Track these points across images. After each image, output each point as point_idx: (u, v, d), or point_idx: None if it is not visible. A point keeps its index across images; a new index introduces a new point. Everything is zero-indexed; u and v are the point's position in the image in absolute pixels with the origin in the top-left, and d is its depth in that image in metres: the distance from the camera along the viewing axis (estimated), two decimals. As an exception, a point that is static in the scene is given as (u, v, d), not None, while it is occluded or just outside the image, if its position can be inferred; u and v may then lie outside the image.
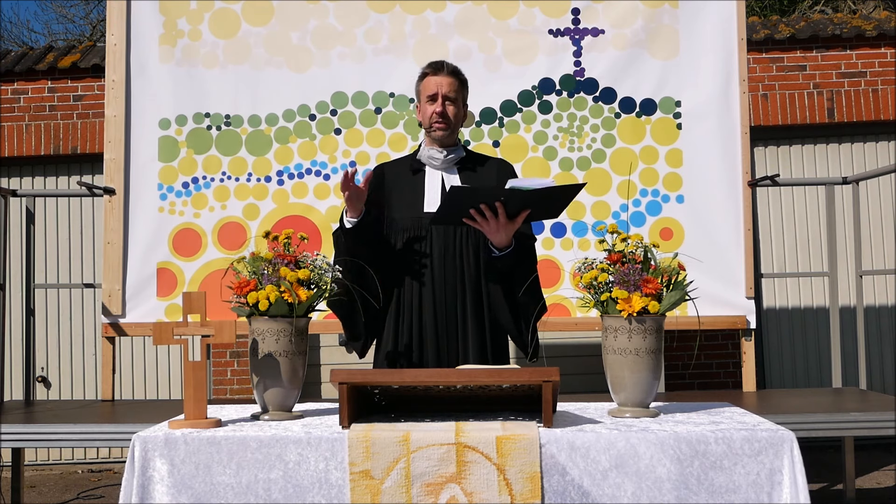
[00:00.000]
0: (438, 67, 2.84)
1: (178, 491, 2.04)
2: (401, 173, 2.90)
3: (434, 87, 2.81)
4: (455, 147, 2.88)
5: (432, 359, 2.74)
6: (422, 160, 2.88)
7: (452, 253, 2.77)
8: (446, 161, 2.84)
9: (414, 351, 2.76)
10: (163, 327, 2.24)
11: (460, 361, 2.74)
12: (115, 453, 6.35)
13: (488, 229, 2.62)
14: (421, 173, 2.87)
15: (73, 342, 6.53)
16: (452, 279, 2.76)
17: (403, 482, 1.98)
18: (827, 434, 3.42)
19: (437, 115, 2.79)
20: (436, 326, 2.75)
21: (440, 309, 2.75)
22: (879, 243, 6.43)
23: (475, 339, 2.75)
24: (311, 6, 4.30)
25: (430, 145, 2.87)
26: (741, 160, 4.23)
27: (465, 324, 2.76)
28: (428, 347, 2.75)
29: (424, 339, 2.76)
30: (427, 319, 2.76)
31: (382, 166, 2.98)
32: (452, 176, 2.85)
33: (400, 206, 2.83)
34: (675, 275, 2.32)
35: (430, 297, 2.76)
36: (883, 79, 6.33)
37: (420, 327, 2.77)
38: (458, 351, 2.75)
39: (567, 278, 4.14)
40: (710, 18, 4.26)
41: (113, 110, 4.26)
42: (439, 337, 2.75)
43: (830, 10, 10.93)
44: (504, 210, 2.56)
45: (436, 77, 2.82)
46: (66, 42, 13.28)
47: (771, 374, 6.44)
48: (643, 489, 1.99)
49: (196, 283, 4.20)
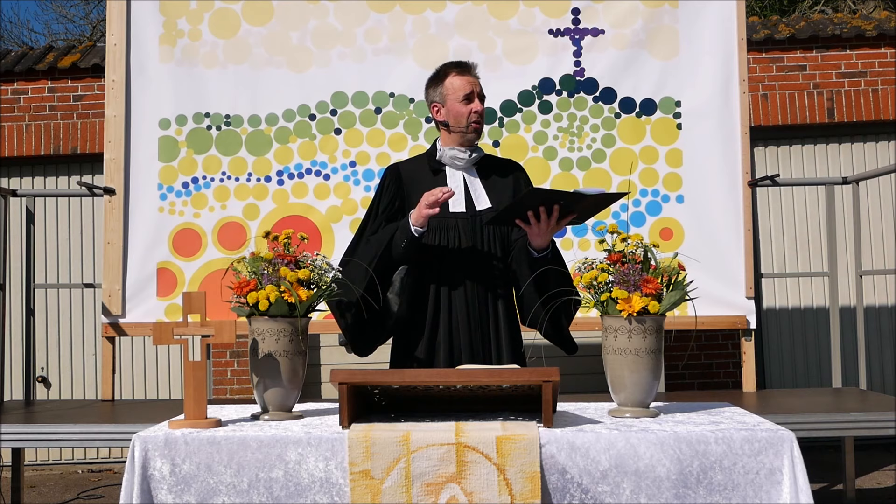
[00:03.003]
0: (466, 67, 2.82)
1: (179, 491, 2.04)
2: (420, 174, 2.85)
3: (469, 87, 2.78)
4: (476, 147, 2.86)
5: (466, 358, 2.73)
6: (442, 160, 2.84)
7: (480, 251, 2.77)
8: (469, 161, 2.83)
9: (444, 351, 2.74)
10: (163, 327, 2.24)
11: (493, 361, 2.73)
12: (115, 453, 6.35)
13: (535, 231, 2.60)
14: (441, 174, 2.84)
15: (73, 342, 6.53)
16: (483, 278, 2.76)
17: (403, 482, 1.98)
18: (827, 434, 3.42)
19: (477, 114, 2.78)
20: (469, 326, 2.74)
21: (473, 309, 2.74)
22: (879, 243, 6.43)
23: (507, 337, 2.75)
24: (311, 6, 4.30)
25: (449, 145, 2.83)
26: (741, 160, 4.23)
27: (496, 322, 2.76)
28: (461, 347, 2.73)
29: (456, 338, 2.74)
30: (460, 319, 2.74)
31: (398, 166, 2.93)
32: (473, 177, 2.84)
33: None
34: (675, 275, 2.32)
35: (462, 296, 2.74)
36: (883, 79, 6.33)
37: (451, 327, 2.74)
38: (492, 349, 2.75)
39: (567, 278, 4.13)
40: (710, 18, 4.26)
41: (113, 110, 4.25)
42: (472, 336, 2.73)
43: (830, 10, 10.93)
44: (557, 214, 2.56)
45: (467, 76, 2.80)
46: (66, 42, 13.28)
47: (771, 374, 6.44)
48: (643, 489, 1.99)
49: (196, 283, 4.20)
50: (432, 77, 2.87)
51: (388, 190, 2.85)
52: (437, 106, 2.83)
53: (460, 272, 2.76)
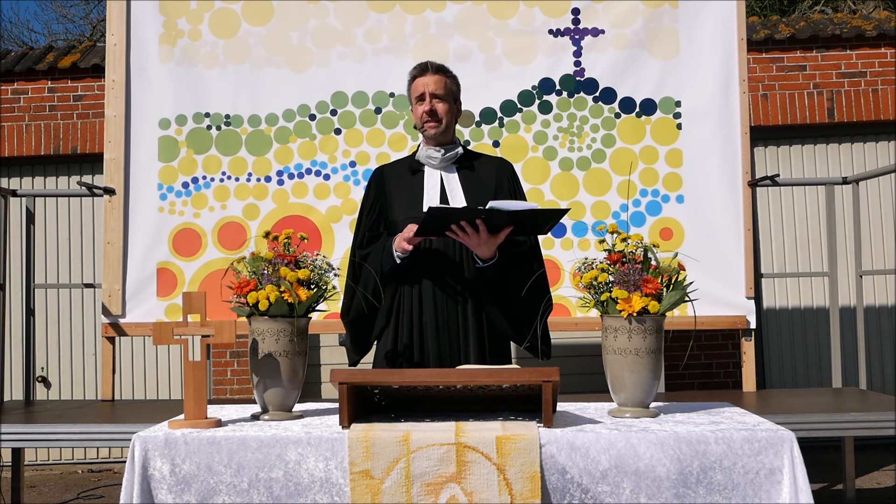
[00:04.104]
0: (423, 68, 2.87)
1: (179, 491, 2.04)
2: (400, 174, 2.91)
3: (421, 88, 2.84)
4: (452, 145, 2.88)
5: (433, 358, 2.74)
6: (420, 160, 2.88)
7: (452, 253, 2.77)
8: (444, 160, 2.85)
9: (415, 351, 2.76)
10: (163, 327, 2.24)
11: (461, 361, 2.74)
12: (115, 453, 6.35)
13: (470, 243, 2.64)
14: (420, 173, 2.87)
15: (73, 342, 6.53)
16: (453, 279, 2.77)
17: (403, 482, 1.98)
18: (827, 434, 3.42)
19: (427, 113, 2.81)
20: (437, 326, 2.76)
21: (441, 309, 2.76)
22: (879, 243, 6.43)
23: (475, 339, 2.75)
24: (311, 6, 4.30)
25: (427, 145, 2.88)
26: (741, 160, 4.23)
27: (465, 324, 2.76)
28: (429, 347, 2.75)
29: (425, 338, 2.76)
30: (428, 320, 2.76)
31: (382, 169, 3.00)
32: (451, 175, 2.85)
33: (400, 208, 2.84)
34: (675, 275, 2.32)
35: (431, 297, 2.76)
36: (883, 79, 6.33)
37: (420, 327, 2.77)
38: (460, 350, 2.76)
39: (567, 278, 4.13)
40: (710, 18, 4.26)
41: (113, 110, 4.25)
42: (440, 337, 2.75)
43: (830, 10, 10.93)
44: (485, 227, 2.58)
45: (422, 78, 2.85)
46: (66, 42, 13.28)
47: (771, 374, 6.44)
48: (643, 489, 1.99)
49: (196, 283, 4.20)
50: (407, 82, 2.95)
51: (369, 195, 2.94)
52: (411, 108, 2.93)
53: (430, 274, 2.77)
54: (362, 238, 2.88)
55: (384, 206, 2.87)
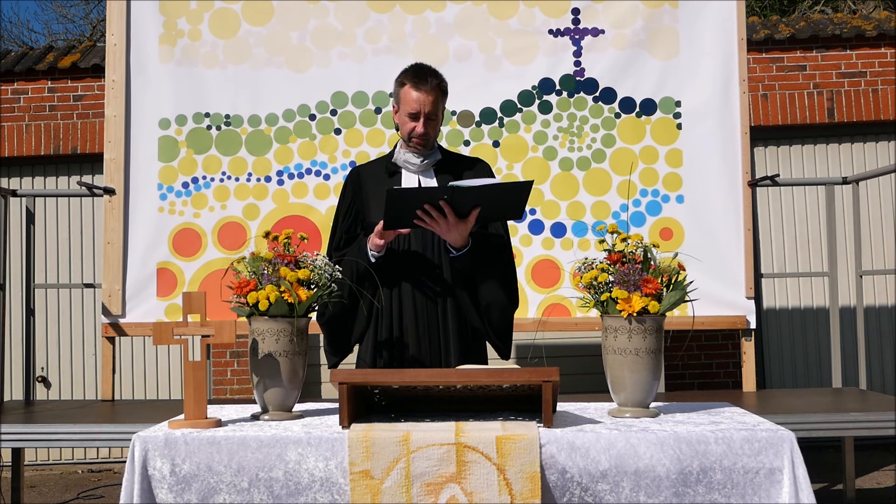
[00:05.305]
0: (421, 80, 2.74)
1: (179, 491, 2.04)
2: (377, 176, 2.85)
3: (416, 105, 2.72)
4: (431, 151, 2.82)
5: (413, 360, 2.72)
6: (398, 163, 2.83)
7: (431, 254, 2.75)
8: (423, 165, 2.81)
9: (395, 352, 2.74)
10: (163, 327, 2.24)
11: (442, 363, 2.72)
12: (115, 453, 6.35)
13: (439, 230, 2.59)
14: (397, 176, 2.83)
15: (73, 342, 6.52)
16: (432, 280, 2.74)
17: (403, 482, 1.98)
18: (827, 434, 3.42)
19: (418, 136, 2.74)
20: (416, 328, 2.73)
21: (420, 310, 2.74)
22: (879, 243, 6.43)
23: (456, 340, 2.74)
24: (311, 6, 4.30)
25: (405, 149, 2.81)
26: (741, 160, 4.23)
27: (445, 325, 2.74)
28: (409, 349, 2.73)
29: (405, 340, 2.73)
30: (407, 321, 2.74)
31: (358, 169, 2.95)
32: (429, 179, 2.82)
33: (378, 210, 2.75)
34: (675, 275, 2.32)
35: (410, 298, 2.74)
36: (883, 79, 6.33)
37: (401, 329, 2.74)
38: (440, 351, 2.74)
39: (567, 278, 4.13)
40: (710, 18, 4.26)
41: (113, 110, 4.26)
42: (420, 338, 2.73)
43: (830, 10, 10.93)
44: (451, 209, 2.53)
45: (418, 93, 2.72)
46: (66, 42, 13.28)
47: (771, 374, 6.44)
48: (643, 489, 1.99)
49: (196, 283, 4.20)
50: (397, 77, 2.83)
51: (346, 196, 2.89)
52: (395, 107, 2.83)
53: (409, 276, 2.75)
54: (339, 240, 2.84)
55: (361, 208, 2.83)
